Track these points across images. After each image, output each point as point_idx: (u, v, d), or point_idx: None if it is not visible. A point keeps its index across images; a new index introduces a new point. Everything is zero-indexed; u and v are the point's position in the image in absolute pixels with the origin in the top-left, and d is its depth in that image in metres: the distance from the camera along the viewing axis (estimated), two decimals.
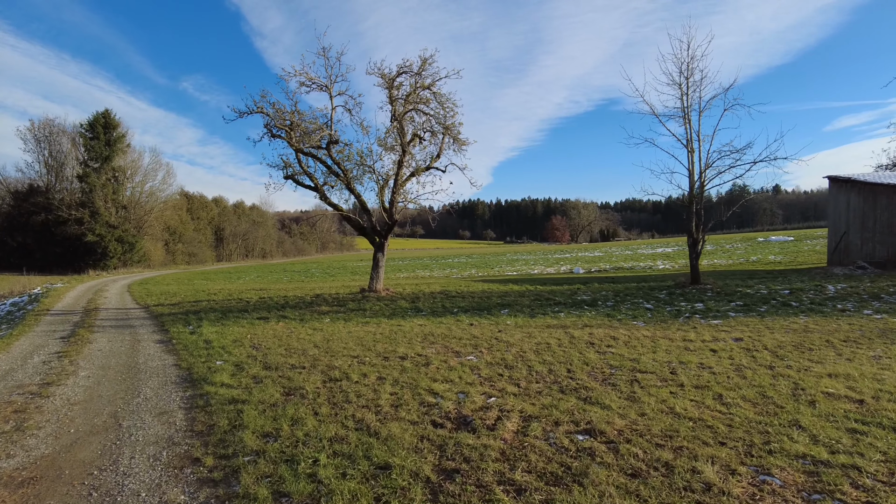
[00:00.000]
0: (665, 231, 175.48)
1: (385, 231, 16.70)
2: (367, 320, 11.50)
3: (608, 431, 4.15)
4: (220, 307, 14.92)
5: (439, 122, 14.91)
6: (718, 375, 5.95)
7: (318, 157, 16.50)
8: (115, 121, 48.57)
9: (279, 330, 10.27)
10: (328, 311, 13.19)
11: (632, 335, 8.70)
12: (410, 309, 13.33)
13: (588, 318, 11.08)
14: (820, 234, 54.75)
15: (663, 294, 14.55)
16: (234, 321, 11.83)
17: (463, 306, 13.53)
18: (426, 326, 10.35)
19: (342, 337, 9.12)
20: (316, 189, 17.16)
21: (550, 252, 61.16)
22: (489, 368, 6.45)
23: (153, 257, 54.02)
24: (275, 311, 13.63)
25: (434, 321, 11.16)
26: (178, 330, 10.80)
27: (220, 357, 7.69)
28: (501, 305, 13.47)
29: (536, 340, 8.33)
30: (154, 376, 6.82)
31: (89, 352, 8.78)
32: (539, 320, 10.90)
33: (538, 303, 13.81)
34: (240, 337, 9.44)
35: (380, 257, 16.96)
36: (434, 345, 8.21)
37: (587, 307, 12.77)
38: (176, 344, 9.18)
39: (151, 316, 13.87)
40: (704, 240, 16.19)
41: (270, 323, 11.47)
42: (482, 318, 11.57)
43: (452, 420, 4.45)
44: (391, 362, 6.90)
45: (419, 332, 9.48)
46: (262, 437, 4.28)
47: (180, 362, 7.59)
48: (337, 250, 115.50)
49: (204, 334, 9.94)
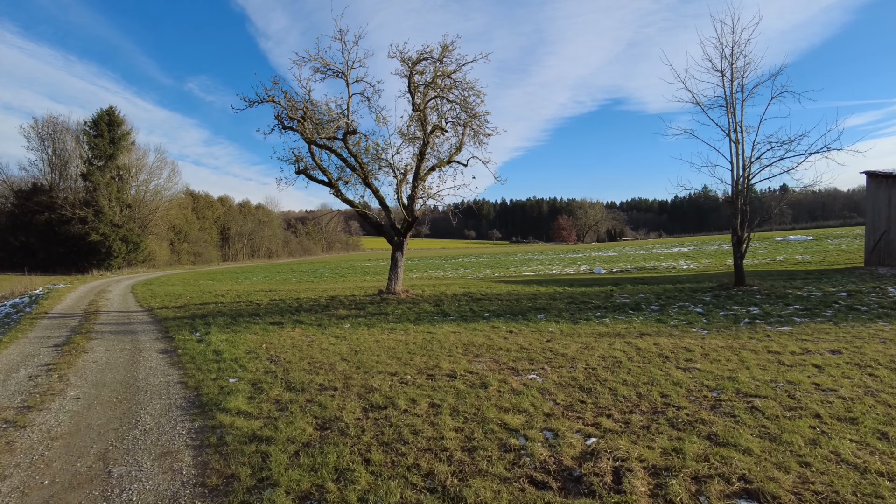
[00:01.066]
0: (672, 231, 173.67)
1: (405, 229, 15.56)
2: (392, 326, 10.36)
3: (782, 496, 2.98)
4: (228, 310, 13.82)
5: (465, 109, 13.73)
6: (854, 402, 4.77)
7: (333, 149, 15.37)
8: (119, 118, 47.68)
9: (297, 338, 9.13)
10: (347, 316, 12.06)
11: (705, 346, 7.52)
12: (436, 313, 12.18)
13: (639, 324, 9.91)
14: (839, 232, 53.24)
15: (708, 296, 13.36)
16: (245, 327, 10.71)
17: (493, 310, 12.38)
18: (461, 334, 9.19)
19: (370, 347, 7.97)
20: (330, 184, 16.05)
21: (561, 252, 59.91)
22: (563, 392, 5.28)
23: (158, 257, 53.13)
24: (289, 315, 12.51)
25: (467, 328, 10.00)
26: (183, 337, 9.69)
27: (233, 373, 6.56)
28: (535, 309, 12.31)
29: (599, 353, 7.15)
30: (156, 398, 5.69)
31: (83, 364, 7.67)
32: (585, 327, 9.74)
33: (575, 306, 12.64)
34: (254, 347, 8.30)
35: (398, 257, 15.82)
36: (480, 358, 7.05)
37: (631, 311, 11.61)
38: (182, 354, 8.06)
39: (155, 320, 12.78)
40: (750, 238, 14.95)
41: (286, 329, 10.35)
42: (519, 323, 10.41)
43: (554, 475, 3.28)
44: (439, 382, 5.74)
45: (456, 342, 8.32)
46: (300, 499, 3.13)
47: (187, 378, 6.46)
48: (343, 250, 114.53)
49: (213, 343, 8.82)
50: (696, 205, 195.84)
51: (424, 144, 14.03)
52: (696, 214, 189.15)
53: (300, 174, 16.12)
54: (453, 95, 13.89)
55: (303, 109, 14.82)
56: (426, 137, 13.86)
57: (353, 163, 15.42)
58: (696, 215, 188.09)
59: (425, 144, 14.00)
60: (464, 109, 13.70)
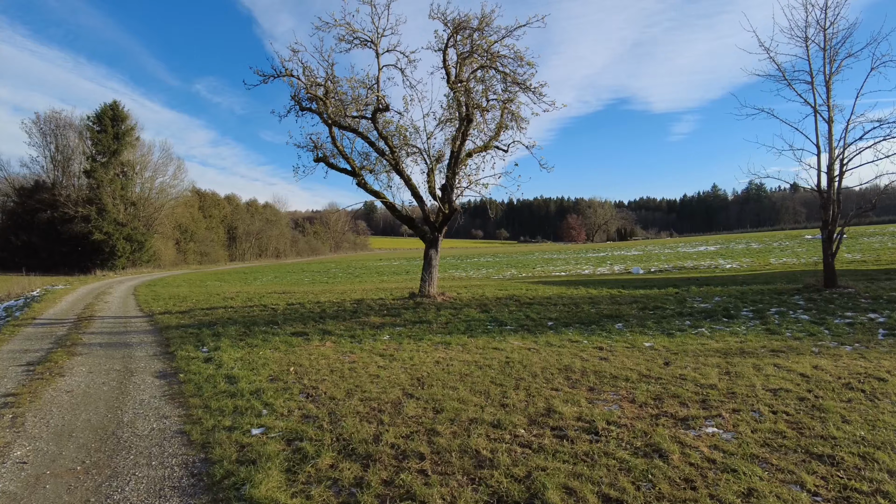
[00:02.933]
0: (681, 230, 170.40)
1: (441, 223, 13.56)
2: (444, 339, 8.37)
3: None
4: (240, 317, 11.87)
5: (515, 81, 11.68)
6: None
7: (358, 131, 13.40)
8: (123, 113, 45.99)
9: (331, 356, 7.15)
10: (382, 325, 10.09)
11: (882, 368, 5.53)
12: (488, 321, 10.18)
13: (752, 336, 8.02)
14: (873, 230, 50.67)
15: (799, 300, 11.33)
16: (262, 339, 8.74)
17: (555, 318, 10.36)
18: (539, 352, 7.18)
19: (434, 372, 5.97)
20: (353, 173, 14.10)
21: (580, 251, 57.75)
22: (789, 462, 3.26)
23: (163, 257, 51.44)
24: (312, 323, 10.55)
25: (538, 341, 8.01)
26: (187, 353, 7.74)
27: (256, 416, 4.57)
28: (606, 317, 10.29)
29: (760, 384, 5.11)
30: (142, 465, 3.72)
31: (53, 396, 5.73)
32: (687, 340, 7.80)
33: (649, 312, 10.62)
34: (279, 370, 6.32)
35: (433, 255, 13.82)
36: (598, 393, 5.03)
37: (725, 319, 9.66)
38: (184, 382, 6.09)
39: (155, 329, 10.85)
40: (843, 234, 12.79)
41: (313, 342, 8.37)
42: (598, 336, 8.43)
43: None
44: (579, 446, 3.71)
45: (542, 364, 6.30)
46: None
47: (190, 426, 4.48)
48: (351, 250, 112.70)
49: (224, 363, 6.85)
50: (704, 204, 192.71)
51: (467, 123, 11.99)
52: (704, 213, 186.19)
53: (319, 162, 14.21)
54: (501, 65, 11.83)
55: (325, 86, 12.87)
56: (470, 114, 11.82)
57: (381, 146, 13.45)
58: (705, 214, 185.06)
59: (468, 123, 11.96)
60: (514, 81, 11.65)
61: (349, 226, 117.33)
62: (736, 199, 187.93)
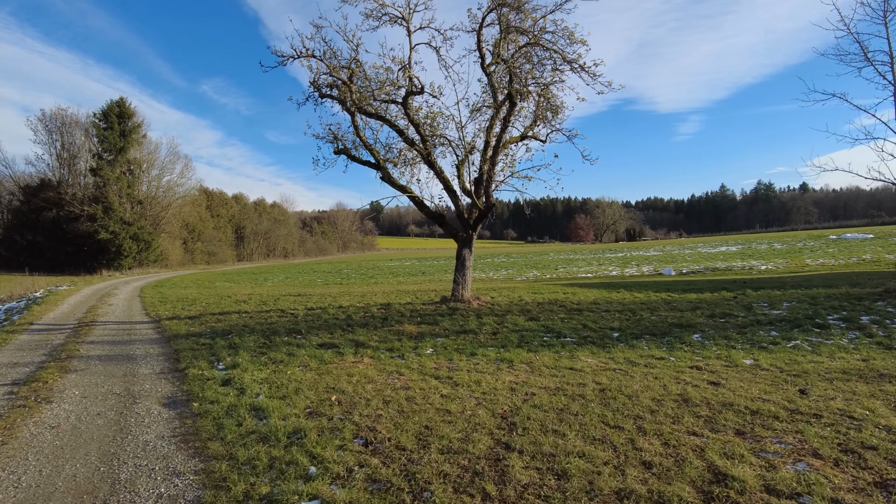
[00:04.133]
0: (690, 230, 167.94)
1: (476, 220, 12.27)
2: (499, 354, 7.09)
3: None
4: (257, 324, 10.63)
5: (566, 59, 10.36)
6: None
7: (386, 118, 12.13)
8: (129, 110, 44.99)
9: (375, 378, 5.87)
10: (419, 335, 8.82)
11: None
12: (541, 331, 8.89)
13: (875, 353, 6.77)
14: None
15: (884, 305, 9.98)
16: (287, 352, 7.49)
17: (617, 327, 9.05)
18: (628, 374, 5.88)
19: (517, 406, 4.67)
20: (377, 166, 12.85)
21: (597, 252, 56.28)
22: None
23: (171, 257, 50.44)
24: (340, 332, 9.29)
25: (615, 358, 6.72)
26: (200, 372, 6.49)
27: (303, 481, 3.29)
28: (673, 326, 9.00)
29: None
30: None
31: (33, 433, 4.49)
32: (797, 358, 6.55)
33: (718, 320, 9.31)
34: (317, 400, 5.04)
35: (466, 255, 12.52)
36: (758, 439, 3.72)
37: (817, 329, 8.38)
38: (199, 414, 4.83)
39: (162, 338, 9.64)
40: None
41: (347, 358, 7.11)
42: (679, 350, 7.20)
43: None
44: None
45: (647, 392, 4.99)
46: None
47: (212, 493, 3.21)
48: (358, 250, 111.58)
49: (247, 387, 5.59)
50: (713, 204, 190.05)
51: (510, 106, 10.66)
52: (713, 214, 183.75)
53: (340, 154, 12.98)
54: (549, 43, 10.50)
55: (349, 68, 11.61)
56: (514, 96, 10.51)
57: (411, 136, 12.18)
58: (714, 215, 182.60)
59: (511, 107, 10.64)
60: (564, 60, 10.32)
61: (356, 226, 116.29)
62: (745, 199, 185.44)
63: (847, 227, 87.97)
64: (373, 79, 11.64)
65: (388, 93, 11.23)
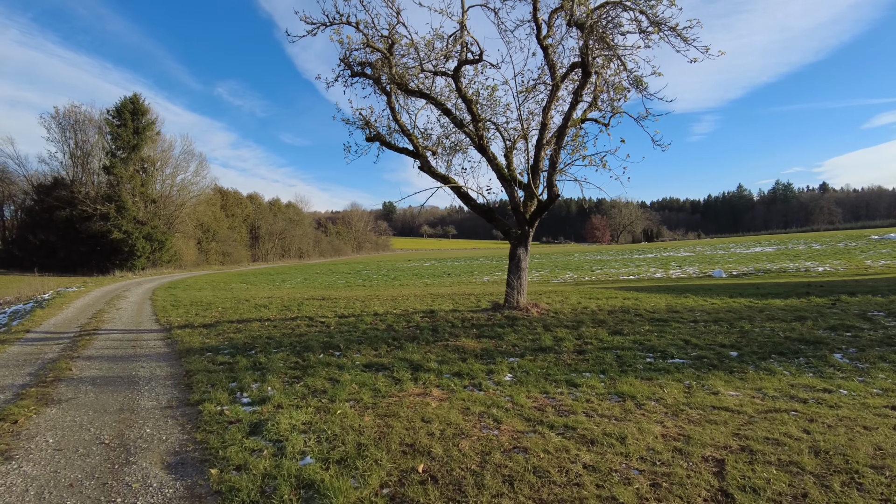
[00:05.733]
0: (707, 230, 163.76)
1: (533, 214, 10.53)
2: (608, 386, 5.33)
3: None
4: (283, 334, 8.99)
5: (654, 21, 8.56)
6: None
7: (430, 96, 10.45)
8: (143, 106, 43.99)
9: (462, 424, 4.17)
10: (484, 352, 7.10)
11: None
12: (635, 348, 7.13)
13: None
14: None
15: None
16: (327, 377, 5.83)
17: (727, 344, 7.26)
18: (818, 421, 4.10)
19: (704, 484, 2.95)
20: (415, 154, 11.26)
21: (623, 252, 54.12)
22: None
23: (185, 257, 49.38)
24: (385, 347, 7.62)
25: (762, 389, 4.96)
26: (219, 410, 4.84)
27: None
28: (796, 341, 7.20)
29: None
30: None
31: None
32: None
33: (845, 335, 7.46)
34: (396, 472, 3.34)
35: (521, 255, 10.79)
36: None
37: None
38: (219, 494, 3.17)
39: (173, 353, 8.04)
40: None
41: (406, 386, 5.42)
42: (838, 378, 5.40)
43: None
44: None
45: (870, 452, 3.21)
46: None
47: None
48: (373, 250, 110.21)
49: (285, 440, 3.92)
50: (729, 204, 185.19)
51: (584, 77, 8.88)
52: (730, 214, 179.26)
53: (372, 141, 11.40)
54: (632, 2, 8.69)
55: (390, 37, 9.96)
56: (587, 68, 8.73)
57: (461, 116, 10.48)
58: (731, 215, 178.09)
59: (585, 78, 8.87)
60: (653, 22, 8.53)
61: (371, 226, 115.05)
62: (762, 200, 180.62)
63: (870, 227, 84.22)
64: (419, 47, 9.96)
65: (436, 63, 9.54)
